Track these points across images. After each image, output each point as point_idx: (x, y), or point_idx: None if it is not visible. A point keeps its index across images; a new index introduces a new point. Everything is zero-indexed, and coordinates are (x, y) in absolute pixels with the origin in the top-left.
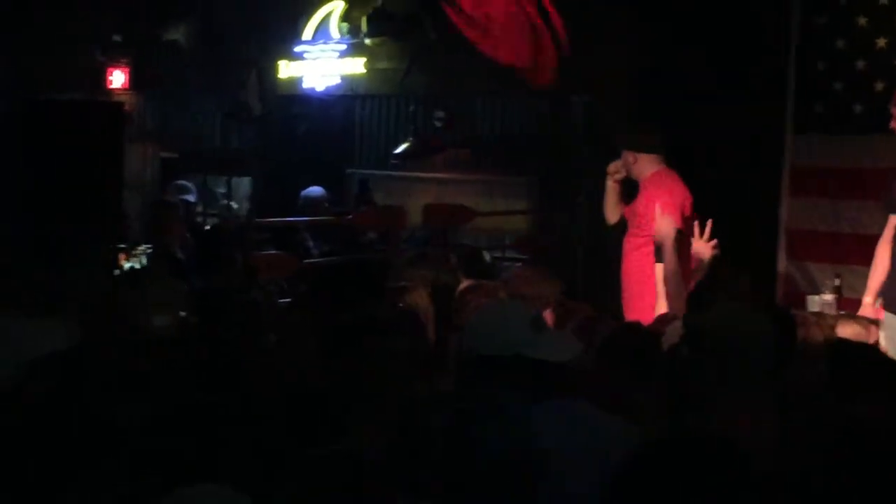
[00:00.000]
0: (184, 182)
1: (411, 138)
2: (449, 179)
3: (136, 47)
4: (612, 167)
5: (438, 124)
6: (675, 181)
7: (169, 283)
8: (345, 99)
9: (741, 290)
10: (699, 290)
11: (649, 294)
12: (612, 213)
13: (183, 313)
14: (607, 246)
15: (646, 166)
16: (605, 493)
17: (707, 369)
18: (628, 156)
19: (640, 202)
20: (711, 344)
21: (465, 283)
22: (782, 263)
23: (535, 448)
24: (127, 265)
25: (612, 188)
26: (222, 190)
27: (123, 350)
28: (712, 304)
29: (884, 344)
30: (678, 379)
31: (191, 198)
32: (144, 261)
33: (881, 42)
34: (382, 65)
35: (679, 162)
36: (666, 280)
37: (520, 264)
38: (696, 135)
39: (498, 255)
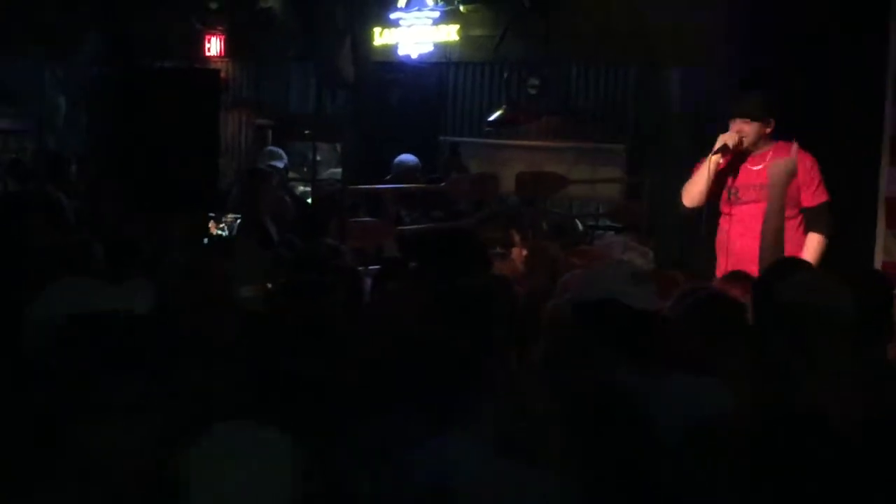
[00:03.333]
0: (276, 149)
1: (505, 106)
2: (541, 147)
3: (232, 15)
4: (729, 139)
5: (532, 91)
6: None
7: (256, 253)
8: (438, 66)
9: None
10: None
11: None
12: (703, 195)
13: (269, 285)
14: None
15: (767, 139)
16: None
17: (784, 337)
18: (762, 126)
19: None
20: (785, 312)
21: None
22: (881, 234)
23: None
24: (216, 233)
25: (715, 165)
26: (316, 157)
27: (206, 318)
28: (790, 272)
29: None
30: (761, 348)
31: (281, 164)
32: (233, 229)
33: None
34: (476, 32)
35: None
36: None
37: (612, 233)
38: (794, 104)
39: (591, 223)
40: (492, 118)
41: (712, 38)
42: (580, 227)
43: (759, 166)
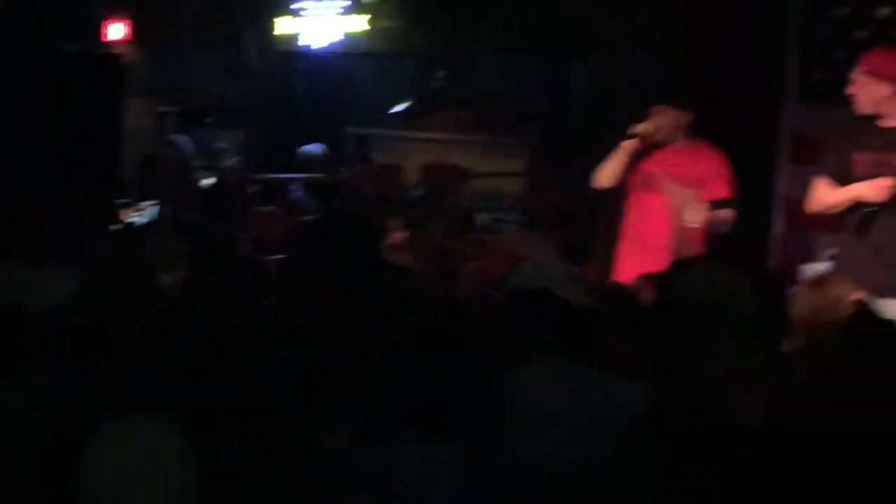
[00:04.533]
0: (179, 136)
1: (410, 98)
2: (448, 140)
3: (134, 1)
4: (644, 127)
5: (439, 84)
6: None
7: (173, 241)
8: (345, 56)
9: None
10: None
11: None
12: (613, 177)
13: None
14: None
15: (685, 131)
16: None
17: (686, 334)
18: (680, 117)
19: (695, 167)
20: (686, 309)
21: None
22: (777, 232)
23: None
24: (128, 220)
25: (627, 149)
26: (222, 145)
27: (128, 306)
28: (690, 270)
29: None
30: (664, 343)
31: (185, 152)
32: (147, 217)
33: (884, 12)
34: (384, 23)
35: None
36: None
37: (517, 226)
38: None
39: (497, 216)
40: (398, 110)
41: (620, 30)
42: (486, 219)
43: (674, 157)
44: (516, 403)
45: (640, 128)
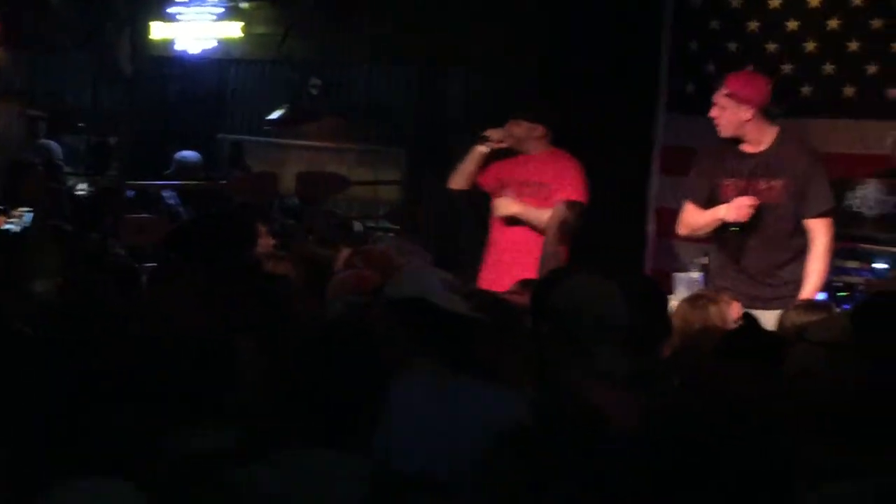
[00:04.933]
0: (48, 142)
1: (286, 105)
2: (323, 148)
3: (4, 2)
4: (496, 134)
5: (314, 92)
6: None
7: (48, 248)
8: (219, 63)
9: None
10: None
11: (534, 259)
12: (466, 179)
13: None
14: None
15: (541, 141)
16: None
17: (561, 342)
18: (532, 128)
19: (543, 173)
20: (560, 317)
21: (341, 252)
22: (651, 241)
23: None
24: (4, 227)
25: (480, 155)
26: (94, 151)
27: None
28: (564, 278)
29: None
30: (540, 351)
31: (55, 158)
32: (22, 224)
33: (753, 25)
34: (259, 29)
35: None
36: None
37: (392, 234)
38: (571, 113)
39: (371, 224)
40: (273, 117)
41: (492, 43)
42: (360, 228)
43: (527, 164)
44: (398, 412)
45: (491, 134)
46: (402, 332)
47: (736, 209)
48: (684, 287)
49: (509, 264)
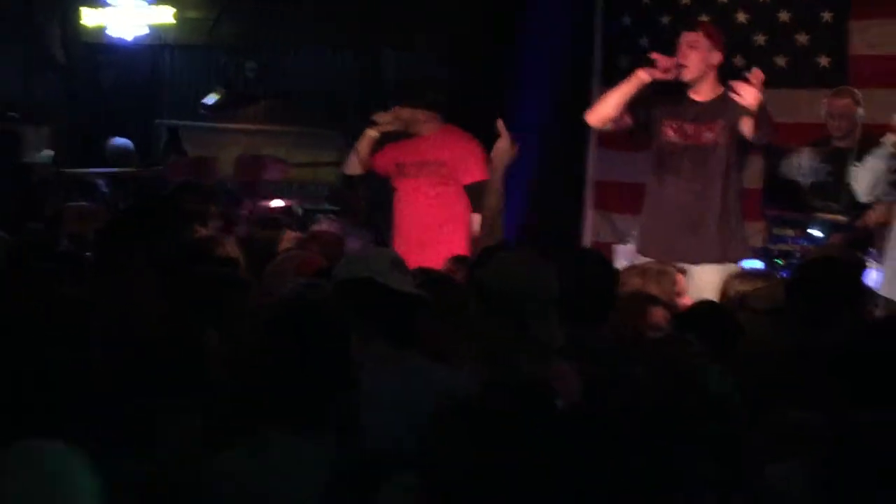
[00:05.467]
0: None
1: (221, 89)
2: (260, 131)
3: None
4: (384, 117)
5: (250, 75)
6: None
7: None
8: (153, 48)
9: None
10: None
11: (446, 241)
12: (360, 163)
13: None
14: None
15: (432, 122)
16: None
17: (498, 318)
18: (418, 113)
19: (439, 151)
20: (494, 295)
21: (284, 234)
22: (588, 214)
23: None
24: None
25: (370, 139)
26: (28, 141)
27: None
28: (498, 255)
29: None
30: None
31: None
32: None
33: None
34: (192, 14)
35: (487, 112)
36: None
37: (331, 216)
38: (503, 85)
39: (310, 207)
40: (208, 102)
41: (428, 25)
42: (300, 211)
43: (423, 145)
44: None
45: (379, 118)
46: (352, 313)
47: (637, 76)
48: (624, 259)
49: (428, 243)
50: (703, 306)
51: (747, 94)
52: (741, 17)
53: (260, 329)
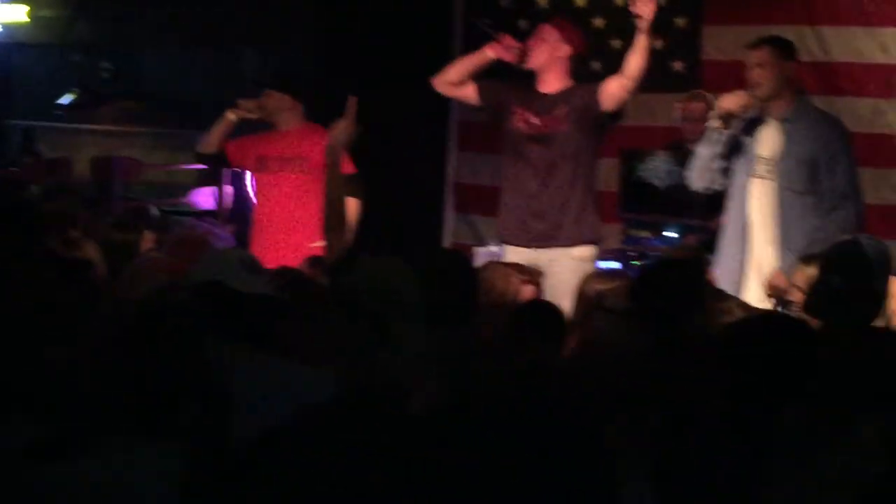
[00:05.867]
0: None
1: (76, 89)
2: (117, 132)
3: None
4: (248, 103)
5: (105, 75)
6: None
7: None
8: (6, 47)
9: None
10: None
11: (309, 238)
12: (214, 143)
13: None
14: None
15: (296, 115)
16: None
17: (360, 321)
18: (284, 100)
19: (300, 146)
20: (358, 299)
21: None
22: (449, 216)
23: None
24: None
25: (228, 121)
26: None
27: None
28: (359, 258)
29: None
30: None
31: None
32: None
33: (543, 1)
34: (46, 12)
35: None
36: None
37: (191, 218)
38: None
39: (168, 208)
40: (63, 102)
41: (286, 23)
42: (157, 212)
43: (284, 140)
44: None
45: (242, 103)
46: (207, 316)
47: (504, 48)
48: (484, 261)
49: (291, 239)
50: (540, 304)
51: (645, 7)
52: (598, 21)
53: (106, 334)
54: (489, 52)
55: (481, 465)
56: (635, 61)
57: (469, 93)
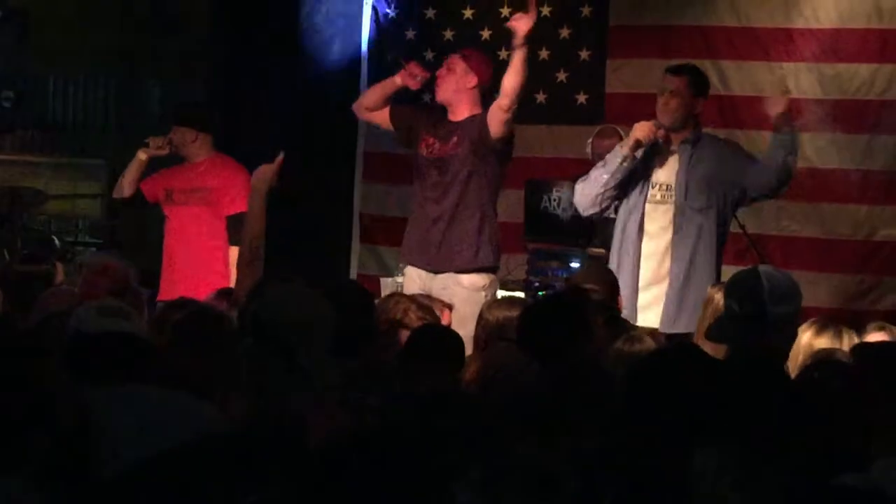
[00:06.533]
0: None
1: None
2: (17, 161)
3: None
4: (156, 141)
5: (6, 104)
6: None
7: None
8: None
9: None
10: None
11: (214, 272)
12: (129, 186)
13: None
14: None
15: (203, 147)
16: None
17: (268, 352)
18: (187, 133)
19: (207, 178)
20: (266, 328)
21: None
22: (356, 247)
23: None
24: None
25: (140, 162)
26: None
27: None
28: (268, 288)
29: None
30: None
31: None
32: None
33: (448, 34)
34: None
35: (253, 146)
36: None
37: (94, 249)
38: (269, 119)
39: (70, 239)
40: None
41: (188, 56)
42: (58, 243)
43: (192, 173)
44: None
45: (151, 141)
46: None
47: (409, 76)
48: (389, 291)
49: (198, 272)
50: (433, 330)
51: (521, 22)
52: (503, 54)
53: None
54: (397, 80)
55: (379, 499)
56: (510, 79)
57: (384, 117)
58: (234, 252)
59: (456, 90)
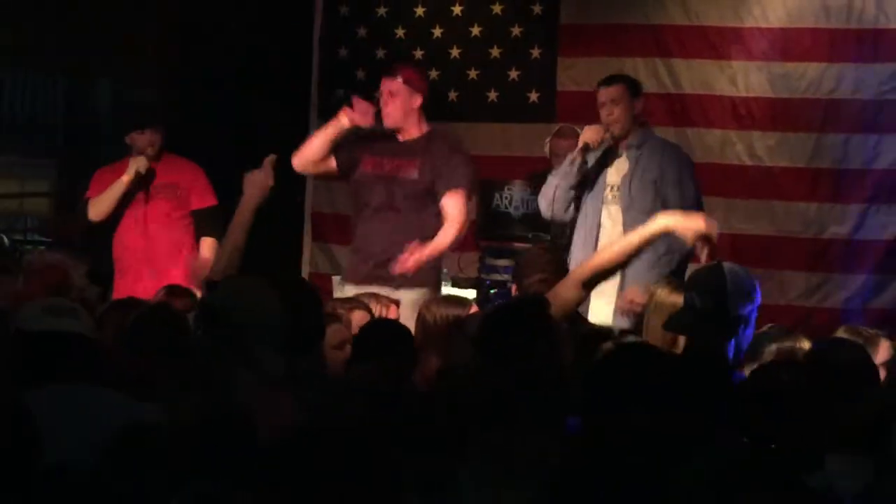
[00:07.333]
0: None
1: None
2: None
3: None
4: (141, 139)
5: None
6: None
7: None
8: None
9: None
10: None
11: (180, 266)
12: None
13: None
14: None
15: (159, 145)
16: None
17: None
18: (154, 135)
19: (169, 175)
20: (220, 320)
21: None
22: (307, 246)
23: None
24: None
25: (121, 184)
26: None
27: None
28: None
29: None
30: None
31: None
32: None
33: (400, 32)
34: None
35: (207, 147)
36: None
37: (43, 248)
38: (222, 120)
39: (19, 238)
40: None
41: (142, 53)
42: (6, 242)
43: (157, 170)
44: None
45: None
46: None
47: (359, 114)
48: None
49: (162, 269)
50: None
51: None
52: (455, 52)
53: None
54: (343, 119)
55: (329, 494)
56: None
57: (331, 166)
58: (205, 243)
59: (405, 114)
